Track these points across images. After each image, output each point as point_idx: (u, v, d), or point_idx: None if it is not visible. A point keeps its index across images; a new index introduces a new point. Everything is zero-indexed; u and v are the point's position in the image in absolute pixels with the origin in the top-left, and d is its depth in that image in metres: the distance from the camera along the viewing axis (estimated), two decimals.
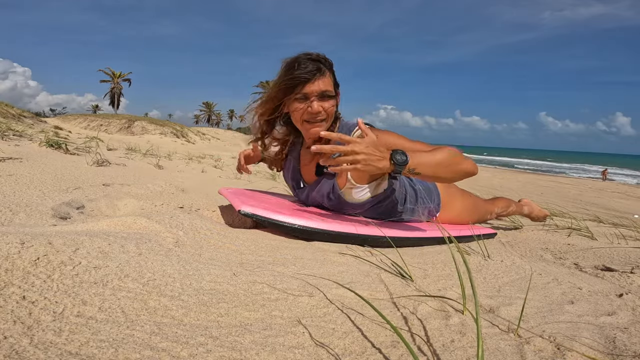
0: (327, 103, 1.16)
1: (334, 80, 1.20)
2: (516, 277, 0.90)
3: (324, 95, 1.15)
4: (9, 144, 2.65)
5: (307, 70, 1.13)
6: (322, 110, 1.16)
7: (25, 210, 1.05)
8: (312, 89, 1.14)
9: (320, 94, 1.15)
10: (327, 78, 1.16)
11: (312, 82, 1.14)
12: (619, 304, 0.74)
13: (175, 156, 4.94)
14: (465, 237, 1.34)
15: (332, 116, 1.21)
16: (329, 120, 1.20)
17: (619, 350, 0.54)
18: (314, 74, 1.13)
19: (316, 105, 1.15)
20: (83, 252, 0.66)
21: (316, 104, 1.15)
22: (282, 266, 0.79)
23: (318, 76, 1.14)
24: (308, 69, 1.13)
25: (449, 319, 0.63)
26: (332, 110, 1.19)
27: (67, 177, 1.69)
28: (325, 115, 1.18)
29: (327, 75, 1.16)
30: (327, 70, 1.17)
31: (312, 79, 1.13)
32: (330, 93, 1.16)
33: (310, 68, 1.13)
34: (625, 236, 1.62)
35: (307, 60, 1.14)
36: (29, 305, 0.49)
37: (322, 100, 1.16)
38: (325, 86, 1.15)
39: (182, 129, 19.10)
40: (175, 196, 1.65)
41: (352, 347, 0.53)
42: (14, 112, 8.75)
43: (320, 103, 1.15)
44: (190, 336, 0.49)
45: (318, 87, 1.14)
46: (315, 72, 1.13)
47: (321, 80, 1.14)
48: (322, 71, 1.15)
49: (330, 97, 1.17)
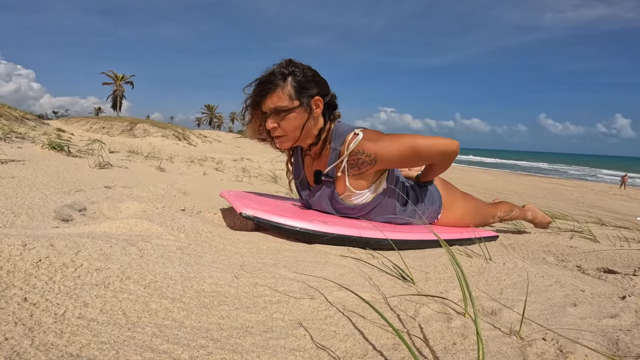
0: (283, 120, 1.13)
1: (297, 90, 1.12)
2: (518, 280, 0.90)
3: (277, 111, 1.13)
4: (12, 146, 2.66)
5: (257, 90, 1.14)
6: (277, 126, 1.14)
7: (28, 212, 1.05)
8: (265, 107, 1.15)
9: (272, 110, 1.13)
10: (280, 91, 1.11)
11: (263, 100, 1.13)
12: (621, 306, 0.73)
13: (177, 159, 4.95)
14: (466, 240, 1.34)
15: (297, 129, 1.15)
16: (293, 135, 1.16)
17: (622, 352, 0.54)
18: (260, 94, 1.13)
19: (269, 122, 1.14)
20: (85, 254, 0.66)
21: (269, 121, 1.14)
22: (284, 269, 0.79)
23: (267, 92, 1.12)
24: (259, 87, 1.13)
25: (451, 322, 0.62)
26: (291, 125, 1.14)
27: (69, 180, 1.70)
28: (283, 132, 1.15)
29: (281, 88, 1.11)
30: (282, 82, 1.11)
31: (261, 99, 1.13)
32: (284, 108, 1.12)
33: (260, 86, 1.13)
34: (627, 238, 1.61)
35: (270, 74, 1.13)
36: (31, 307, 0.49)
37: (276, 117, 1.13)
38: (276, 102, 1.12)
39: (183, 132, 19.14)
40: (176, 199, 1.65)
41: (353, 350, 0.53)
42: (16, 114, 8.79)
43: (273, 120, 1.14)
44: (191, 338, 0.49)
45: (267, 105, 1.13)
46: (262, 91, 1.12)
47: (271, 97, 1.12)
48: (277, 86, 1.11)
49: (287, 112, 1.12)
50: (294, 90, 1.12)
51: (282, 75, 1.12)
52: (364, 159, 1.15)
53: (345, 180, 1.19)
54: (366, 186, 1.21)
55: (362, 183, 1.20)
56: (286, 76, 1.12)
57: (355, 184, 1.19)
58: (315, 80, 1.16)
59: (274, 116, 1.14)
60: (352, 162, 1.17)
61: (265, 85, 1.12)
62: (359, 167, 1.17)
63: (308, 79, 1.14)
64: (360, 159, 1.15)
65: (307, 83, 1.14)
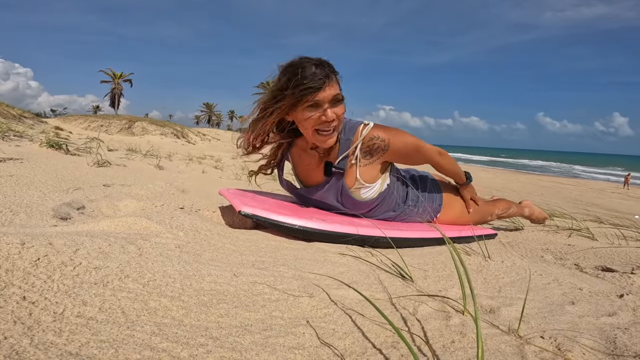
0: (339, 108, 1.13)
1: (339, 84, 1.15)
2: (517, 278, 0.90)
3: (336, 100, 1.11)
4: (10, 145, 2.65)
5: (317, 78, 1.07)
6: (336, 117, 1.12)
7: (26, 211, 1.05)
8: (324, 96, 1.09)
9: (334, 99, 1.11)
10: (335, 82, 1.12)
11: (324, 90, 1.09)
12: (619, 305, 0.74)
13: (176, 157, 4.94)
14: (465, 238, 1.34)
15: (343, 120, 1.18)
16: (339, 126, 1.17)
17: (619, 350, 0.54)
18: (323, 81, 1.07)
19: (330, 112, 1.10)
20: (83, 252, 0.66)
21: (330, 111, 1.10)
22: (283, 267, 0.79)
23: (327, 82, 1.08)
24: (318, 76, 1.07)
25: (450, 320, 0.63)
26: (343, 114, 1.15)
27: (67, 178, 1.69)
28: (338, 122, 1.15)
29: (334, 79, 1.12)
30: (333, 74, 1.12)
31: (323, 87, 1.08)
32: (341, 97, 1.13)
33: (319, 75, 1.07)
34: (625, 237, 1.62)
35: (313, 66, 1.09)
36: (30, 306, 0.49)
37: (334, 107, 1.12)
38: (335, 90, 1.11)
39: (182, 130, 19.10)
40: (175, 197, 1.65)
41: (352, 348, 0.53)
42: (14, 112, 8.75)
43: (333, 110, 1.11)
44: (190, 337, 0.49)
45: (330, 93, 1.09)
46: (325, 79, 1.08)
47: (331, 86, 1.09)
48: (329, 76, 1.10)
49: (341, 101, 1.13)
50: (339, 83, 1.14)
51: (332, 67, 1.12)
52: (378, 143, 1.18)
53: (355, 172, 1.20)
54: (374, 179, 1.23)
55: (370, 175, 1.21)
56: (333, 70, 1.12)
57: (365, 176, 1.21)
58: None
59: (333, 105, 1.11)
60: (366, 150, 1.20)
61: (325, 71, 1.08)
62: (372, 154, 1.20)
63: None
64: (375, 144, 1.19)
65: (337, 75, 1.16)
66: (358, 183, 1.20)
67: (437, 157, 1.30)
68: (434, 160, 1.31)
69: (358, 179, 1.20)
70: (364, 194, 1.23)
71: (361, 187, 1.21)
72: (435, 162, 1.32)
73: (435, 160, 1.32)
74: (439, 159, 1.32)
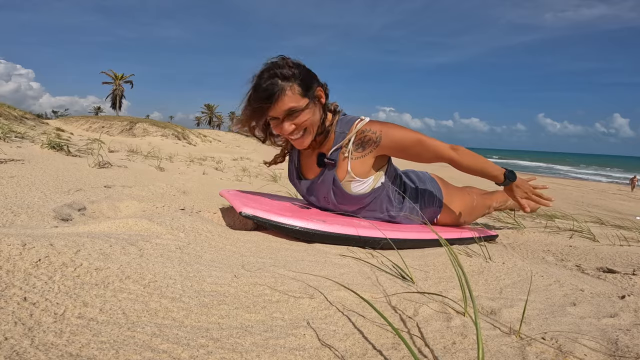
0: (298, 119, 1.12)
1: (303, 87, 1.12)
2: (518, 279, 0.90)
3: (291, 112, 1.11)
4: (11, 146, 2.66)
5: (264, 96, 1.09)
6: (295, 127, 1.13)
7: (27, 212, 1.05)
8: (276, 112, 1.11)
9: (286, 113, 1.11)
10: (290, 92, 1.10)
11: (274, 106, 1.10)
12: (621, 306, 0.73)
13: (177, 158, 4.94)
14: (466, 239, 1.34)
15: (315, 124, 1.17)
16: (312, 130, 1.17)
17: (621, 352, 0.54)
18: (270, 99, 1.08)
19: (286, 125, 1.13)
20: (84, 253, 0.66)
21: (286, 124, 1.12)
22: (283, 268, 0.79)
23: (278, 96, 1.08)
24: (269, 91, 1.08)
25: (450, 321, 0.62)
26: (308, 121, 1.14)
27: (68, 179, 1.70)
28: (302, 129, 1.15)
29: (289, 89, 1.10)
30: (288, 83, 1.10)
31: (272, 104, 1.09)
32: (297, 108, 1.11)
33: (271, 90, 1.08)
34: (627, 238, 1.61)
35: (266, 79, 1.09)
36: (30, 307, 0.49)
37: (291, 119, 1.12)
38: (289, 103, 1.10)
39: (183, 131, 19.11)
40: (176, 198, 1.65)
41: (353, 349, 0.53)
42: (16, 113, 8.77)
43: (290, 122, 1.12)
44: (191, 338, 0.49)
45: (281, 108, 1.10)
46: (272, 96, 1.08)
47: (283, 100, 1.09)
48: (283, 89, 1.09)
49: (300, 111, 1.12)
50: (301, 87, 1.12)
51: (284, 77, 1.10)
52: (370, 135, 1.20)
53: (347, 164, 1.21)
54: (366, 174, 1.23)
55: (362, 169, 1.22)
56: (289, 77, 1.11)
57: (357, 169, 1.21)
58: (310, 73, 1.18)
59: (288, 118, 1.12)
60: (358, 142, 1.21)
61: (272, 90, 1.09)
62: (364, 147, 1.20)
63: (307, 73, 1.17)
64: (366, 136, 1.20)
65: (307, 77, 1.15)
66: (349, 176, 1.21)
67: (449, 152, 1.22)
68: (447, 156, 1.22)
69: (349, 171, 1.20)
70: (355, 187, 1.22)
71: (352, 180, 1.21)
72: (449, 158, 1.22)
73: (449, 156, 1.22)
74: (452, 155, 1.22)
